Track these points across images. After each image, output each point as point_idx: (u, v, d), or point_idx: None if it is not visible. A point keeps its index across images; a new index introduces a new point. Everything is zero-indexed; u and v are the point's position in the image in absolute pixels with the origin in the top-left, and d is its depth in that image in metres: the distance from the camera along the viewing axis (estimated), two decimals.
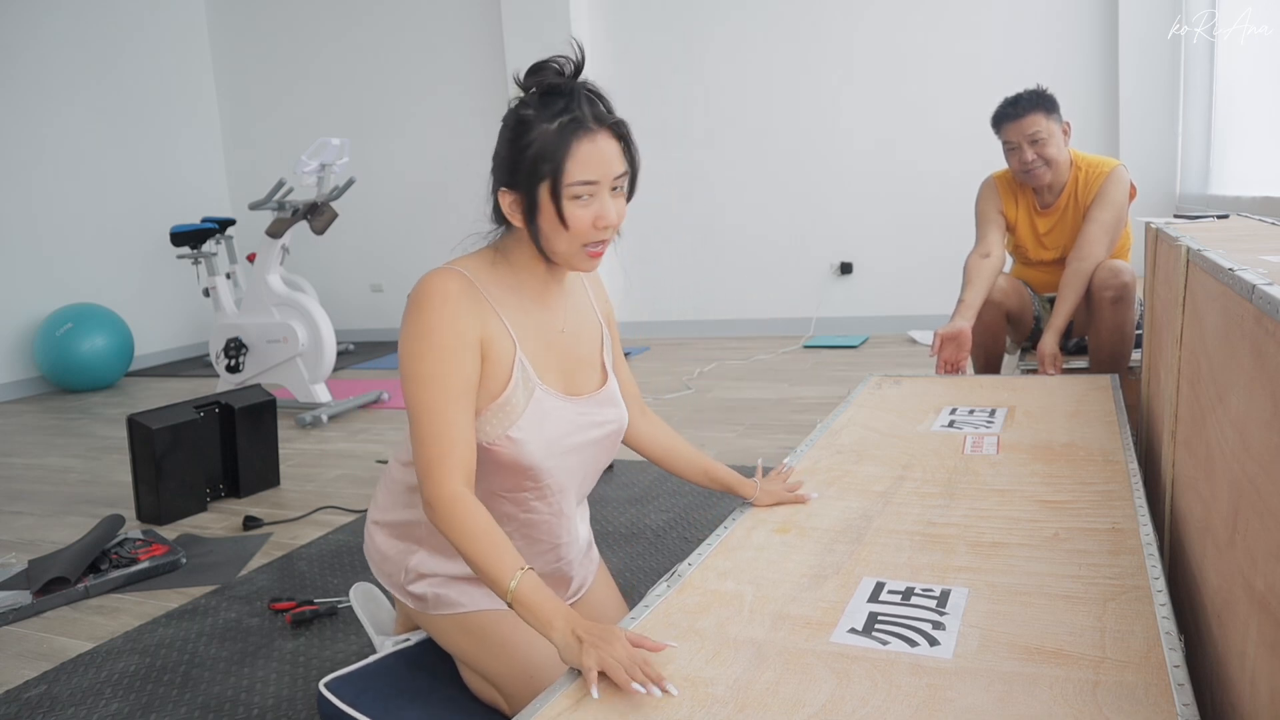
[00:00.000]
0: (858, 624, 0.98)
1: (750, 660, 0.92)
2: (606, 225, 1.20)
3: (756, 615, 1.03)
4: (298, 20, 6.02)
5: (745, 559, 1.20)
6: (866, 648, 0.93)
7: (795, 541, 1.25)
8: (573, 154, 1.16)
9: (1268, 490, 0.67)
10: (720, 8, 4.95)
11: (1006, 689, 0.83)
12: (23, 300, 4.96)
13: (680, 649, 0.96)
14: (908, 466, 1.56)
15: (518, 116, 1.20)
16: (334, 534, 2.39)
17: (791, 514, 1.37)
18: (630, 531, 2.23)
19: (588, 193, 1.18)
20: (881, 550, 1.20)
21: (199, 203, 6.04)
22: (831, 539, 1.25)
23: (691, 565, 1.14)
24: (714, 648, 0.95)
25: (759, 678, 0.89)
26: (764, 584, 1.12)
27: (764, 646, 0.95)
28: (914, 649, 0.91)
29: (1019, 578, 1.08)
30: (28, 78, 5.07)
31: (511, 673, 1.29)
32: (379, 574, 1.40)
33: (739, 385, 3.89)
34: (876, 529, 1.28)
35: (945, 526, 1.26)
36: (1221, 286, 0.94)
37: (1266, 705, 0.66)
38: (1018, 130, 2.53)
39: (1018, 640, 0.92)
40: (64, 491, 2.99)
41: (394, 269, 6.01)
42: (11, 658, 1.82)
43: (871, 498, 1.41)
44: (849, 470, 1.56)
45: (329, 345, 3.88)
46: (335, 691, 1.33)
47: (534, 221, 1.20)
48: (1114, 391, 1.98)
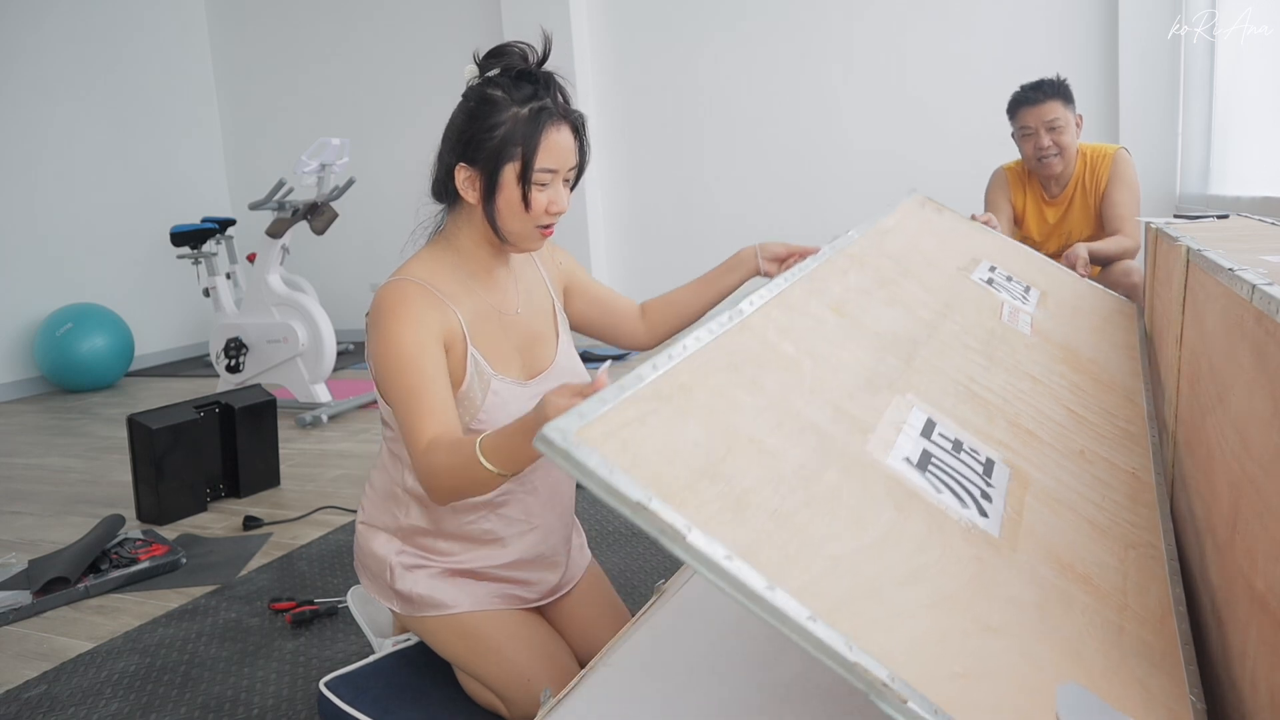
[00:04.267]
0: (912, 455, 0.87)
1: (815, 449, 0.79)
2: (559, 211, 1.25)
3: (816, 397, 0.89)
4: (298, 20, 6.02)
5: (804, 326, 1.04)
6: (921, 487, 0.82)
7: (850, 330, 1.11)
8: (543, 141, 1.20)
9: (1268, 490, 0.67)
10: (720, 7, 4.95)
11: (1044, 596, 0.77)
12: (23, 300, 4.96)
13: (742, 396, 0.80)
14: (949, 306, 1.42)
15: (484, 94, 1.23)
16: (334, 534, 2.39)
17: (844, 299, 1.20)
18: (630, 531, 2.23)
19: (548, 179, 1.23)
20: (929, 385, 1.08)
21: (199, 203, 6.04)
22: (883, 347, 1.12)
23: (753, 305, 0.98)
24: (777, 416, 0.81)
25: (824, 474, 0.77)
26: (822, 363, 0.97)
27: (826, 438, 0.82)
28: (965, 510, 0.82)
29: (1051, 481, 1.00)
30: (28, 77, 5.07)
31: (507, 676, 1.29)
32: (369, 582, 1.40)
33: None
34: (924, 359, 1.16)
35: (985, 390, 1.16)
36: (1221, 286, 0.94)
37: (1266, 705, 0.66)
38: (1036, 116, 2.54)
39: (1053, 549, 0.85)
40: (64, 491, 2.99)
41: (394, 269, 6.00)
42: (11, 658, 1.82)
43: (917, 323, 1.27)
44: (896, 280, 1.40)
45: (329, 345, 3.88)
46: (335, 691, 1.33)
47: (492, 201, 1.24)
48: (1139, 323, 1.94)
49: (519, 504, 1.35)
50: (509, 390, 1.29)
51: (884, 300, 1.28)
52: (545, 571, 1.41)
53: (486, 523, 1.34)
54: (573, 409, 0.61)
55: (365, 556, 1.39)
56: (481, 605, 1.32)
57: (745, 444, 0.72)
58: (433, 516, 1.34)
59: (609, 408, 0.65)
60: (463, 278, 1.31)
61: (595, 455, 0.58)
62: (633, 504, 0.56)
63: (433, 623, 1.32)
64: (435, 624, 1.32)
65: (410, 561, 1.33)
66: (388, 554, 1.35)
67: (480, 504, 1.32)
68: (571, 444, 0.58)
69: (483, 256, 1.32)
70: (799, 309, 1.08)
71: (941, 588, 0.68)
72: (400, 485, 1.35)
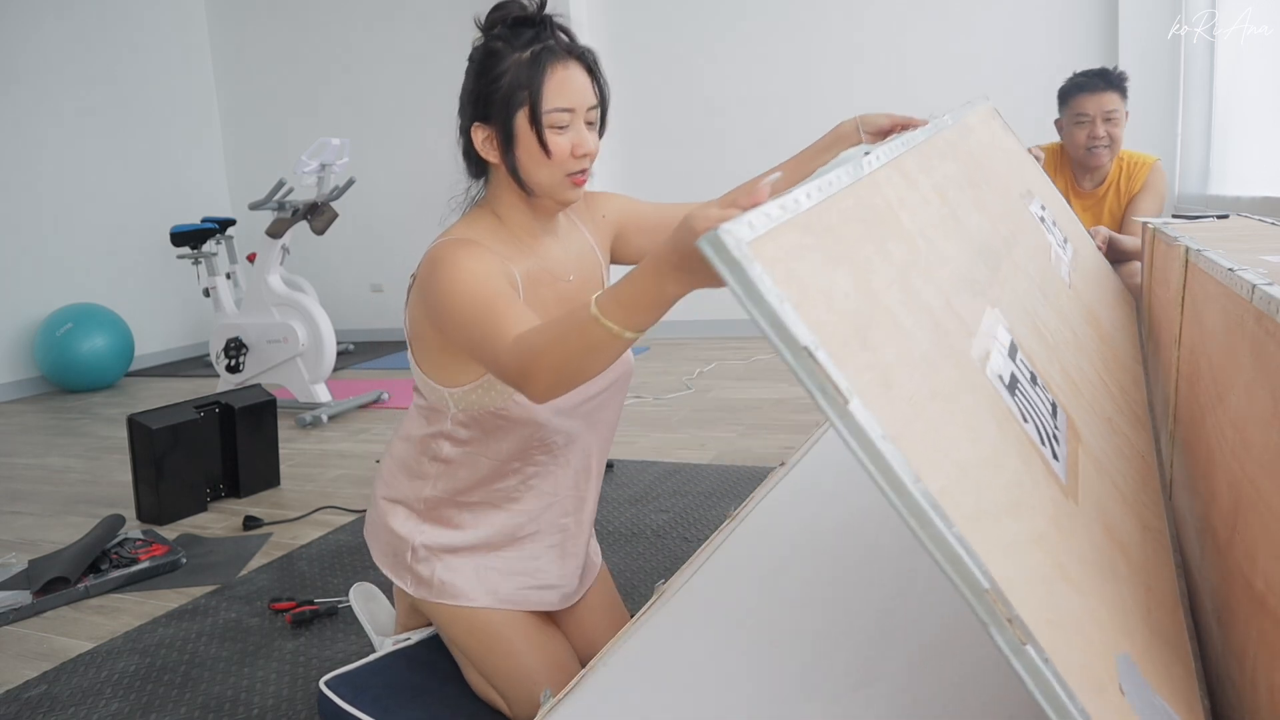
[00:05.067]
0: (1003, 374, 0.80)
1: (933, 338, 0.69)
2: (585, 153, 1.18)
3: (929, 283, 0.77)
4: (298, 21, 6.02)
5: (915, 201, 0.94)
6: (1012, 410, 0.75)
7: (949, 221, 0.99)
8: (548, 80, 1.15)
9: (1268, 490, 0.67)
10: (721, 8, 4.95)
11: (1099, 556, 0.72)
12: (23, 300, 4.96)
13: (875, 258, 0.69)
14: (1015, 230, 1.34)
15: (486, 49, 1.19)
16: (334, 534, 2.39)
17: (944, 186, 1.09)
18: (630, 531, 2.23)
19: (565, 121, 1.17)
20: (1010, 303, 0.99)
21: (199, 203, 6.04)
22: (975, 251, 1.01)
23: (878, 161, 0.85)
24: (904, 291, 0.70)
25: (942, 368, 0.66)
26: (931, 247, 0.86)
27: (941, 330, 0.71)
28: (1042, 448, 0.76)
29: (1092, 440, 0.94)
30: (28, 78, 5.07)
31: (513, 676, 1.29)
32: (383, 557, 1.36)
33: (739, 385, 3.89)
34: (1005, 273, 1.07)
35: (1044, 325, 1.08)
36: (1221, 286, 0.94)
37: (1266, 704, 0.66)
38: (1096, 104, 2.53)
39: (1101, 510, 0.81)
40: (64, 491, 2.99)
41: (394, 269, 6.00)
42: (11, 658, 1.82)
43: (995, 236, 1.17)
44: (979, 184, 1.30)
45: (329, 345, 3.88)
46: (335, 690, 1.33)
47: (511, 153, 1.18)
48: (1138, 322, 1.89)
49: (549, 477, 1.33)
50: None
51: (972, 201, 1.18)
52: (565, 564, 1.37)
53: (515, 493, 1.31)
54: (739, 218, 0.51)
55: (382, 531, 1.36)
56: (499, 604, 1.31)
57: (884, 313, 0.63)
58: (457, 485, 1.30)
59: (777, 225, 0.55)
60: (508, 242, 1.24)
61: (767, 278, 0.49)
62: (799, 348, 0.48)
63: (447, 611, 1.31)
64: (449, 614, 1.31)
65: (433, 543, 1.31)
66: (409, 533, 1.32)
67: (511, 472, 1.29)
68: (745, 255, 0.49)
69: (524, 221, 1.25)
70: (912, 182, 0.96)
71: (1035, 525, 0.63)
72: (427, 453, 1.30)
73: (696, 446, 2.98)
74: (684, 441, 3.05)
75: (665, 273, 0.85)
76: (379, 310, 6.12)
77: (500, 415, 1.24)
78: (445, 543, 1.31)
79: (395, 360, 5.22)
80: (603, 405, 1.35)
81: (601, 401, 1.34)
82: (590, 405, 1.32)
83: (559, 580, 1.38)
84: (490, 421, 1.25)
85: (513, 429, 1.26)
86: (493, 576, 1.32)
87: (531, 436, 1.27)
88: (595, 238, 1.38)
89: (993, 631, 0.48)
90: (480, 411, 1.25)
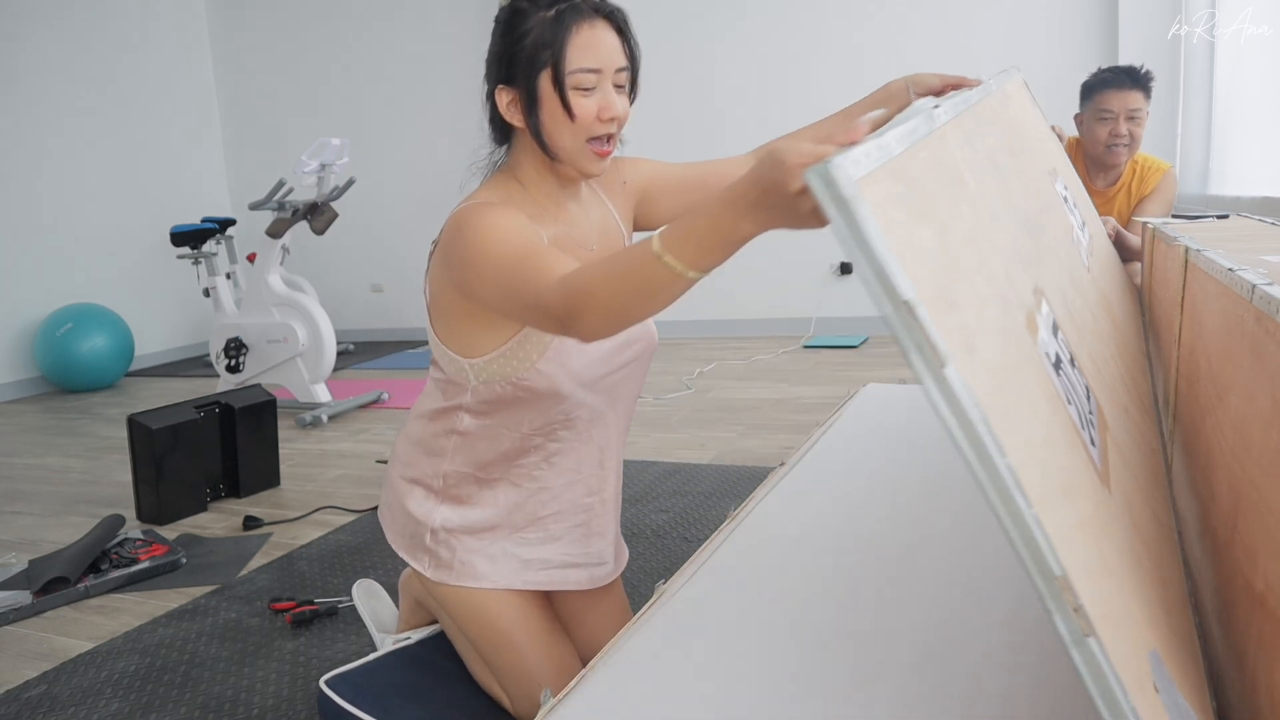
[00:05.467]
0: (1050, 352, 0.76)
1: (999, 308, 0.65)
2: (612, 117, 1.14)
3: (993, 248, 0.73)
4: (298, 21, 6.02)
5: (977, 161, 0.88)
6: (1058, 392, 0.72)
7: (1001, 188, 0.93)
8: (572, 39, 1.11)
9: (1268, 490, 0.67)
10: (722, 8, 4.95)
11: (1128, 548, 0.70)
12: (23, 300, 4.96)
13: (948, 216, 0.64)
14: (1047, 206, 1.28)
15: (513, 7, 1.15)
16: (334, 534, 2.39)
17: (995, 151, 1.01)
18: (630, 531, 2.23)
19: (591, 82, 1.12)
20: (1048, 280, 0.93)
21: (199, 203, 6.05)
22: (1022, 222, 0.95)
23: (945, 116, 0.80)
24: (975, 253, 0.65)
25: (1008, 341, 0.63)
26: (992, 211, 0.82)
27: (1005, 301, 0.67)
28: (1081, 432, 0.72)
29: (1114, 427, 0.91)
30: (28, 78, 5.07)
31: (516, 673, 1.29)
32: (398, 538, 1.34)
33: (739, 385, 3.89)
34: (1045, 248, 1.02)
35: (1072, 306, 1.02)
36: (1221, 286, 0.94)
37: (1266, 706, 0.66)
38: (1121, 101, 2.50)
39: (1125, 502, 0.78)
40: (64, 491, 2.99)
41: (394, 269, 6.01)
42: (11, 658, 1.82)
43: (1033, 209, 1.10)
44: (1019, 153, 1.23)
45: (329, 345, 3.88)
46: (335, 689, 1.33)
47: (535, 115, 1.14)
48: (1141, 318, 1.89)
49: (571, 454, 1.30)
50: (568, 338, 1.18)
51: (1016, 171, 1.12)
52: (591, 542, 1.34)
53: (536, 470, 1.28)
54: (845, 153, 0.47)
55: (398, 513, 1.33)
56: (523, 585, 1.28)
57: (962, 275, 0.59)
58: (476, 458, 1.27)
59: (877, 167, 0.51)
60: (531, 208, 1.20)
61: (875, 221, 0.45)
62: (900, 301, 0.45)
63: (461, 596, 1.29)
64: (463, 599, 1.29)
65: (452, 524, 1.28)
66: (426, 515, 1.29)
67: (532, 448, 1.27)
68: (855, 194, 0.45)
69: (549, 188, 1.21)
70: (972, 144, 0.90)
71: (1082, 510, 0.60)
72: (446, 426, 1.28)
73: (696, 446, 2.98)
74: (684, 441, 3.05)
75: (742, 210, 0.79)
76: (379, 310, 6.12)
77: (521, 386, 1.21)
78: (464, 523, 1.28)
79: (396, 360, 5.23)
80: (626, 379, 1.32)
81: (625, 375, 1.31)
82: (613, 379, 1.29)
83: (584, 558, 1.35)
84: (511, 393, 1.22)
85: (534, 402, 1.23)
86: (513, 559, 1.29)
87: (553, 409, 1.24)
88: (617, 207, 1.35)
89: (1057, 619, 0.47)
90: (501, 383, 1.21)
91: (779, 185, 0.75)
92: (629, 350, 1.29)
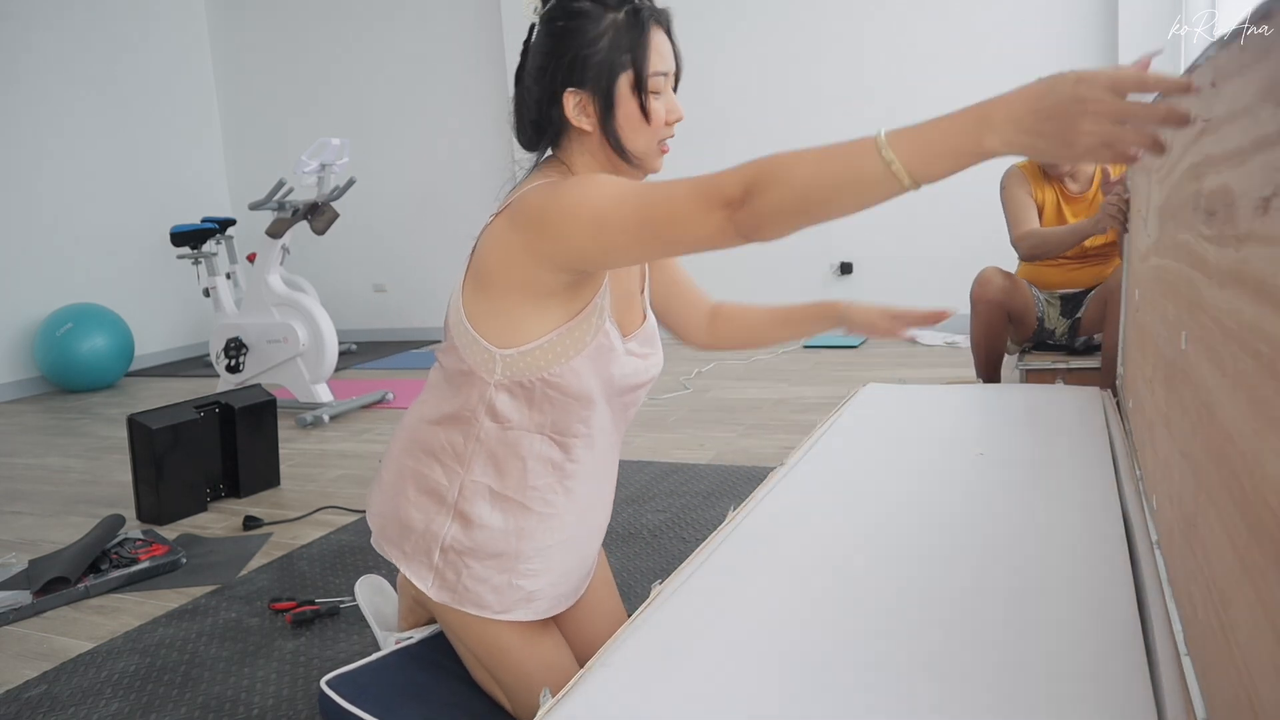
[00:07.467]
0: None
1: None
2: (678, 118, 1.16)
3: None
4: (298, 20, 6.02)
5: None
6: None
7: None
8: (650, 43, 1.11)
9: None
10: (722, 8, 4.95)
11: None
12: (23, 300, 4.96)
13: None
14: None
15: (569, 9, 1.12)
16: (335, 534, 2.39)
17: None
18: (628, 531, 2.23)
19: (662, 85, 1.14)
20: None
21: (199, 203, 6.05)
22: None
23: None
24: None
25: None
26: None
27: None
28: None
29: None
30: (28, 78, 5.07)
31: (517, 684, 1.28)
32: (396, 547, 1.28)
33: (738, 385, 3.89)
34: None
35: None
36: None
37: None
38: None
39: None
40: (64, 491, 3.00)
41: (396, 269, 6.01)
42: (11, 658, 1.82)
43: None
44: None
45: (330, 345, 3.89)
46: (336, 689, 1.33)
47: (611, 120, 1.13)
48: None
49: (585, 479, 1.27)
50: (613, 338, 1.17)
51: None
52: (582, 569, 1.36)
53: (551, 494, 1.24)
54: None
55: (398, 522, 1.28)
56: (519, 617, 1.28)
57: None
58: (496, 470, 1.22)
59: None
60: None
61: None
62: None
63: (457, 619, 1.27)
64: (459, 622, 1.28)
65: (461, 544, 1.23)
66: (436, 529, 1.24)
67: (548, 469, 1.23)
68: None
69: None
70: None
71: None
72: (460, 428, 1.21)
73: (695, 446, 2.98)
74: (682, 441, 3.05)
75: (998, 123, 0.75)
76: (381, 310, 6.12)
77: (551, 383, 1.16)
78: (472, 544, 1.24)
79: (398, 360, 5.23)
80: (634, 403, 1.30)
81: (638, 397, 1.30)
82: (629, 399, 1.28)
83: (574, 590, 1.36)
84: (538, 391, 1.17)
85: (558, 403, 1.19)
86: (518, 591, 1.26)
87: (573, 414, 1.20)
88: None
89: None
90: (530, 378, 1.16)
91: (1056, 109, 0.71)
92: (647, 371, 1.28)
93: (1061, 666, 0.90)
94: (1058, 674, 0.89)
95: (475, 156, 5.55)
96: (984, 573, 1.14)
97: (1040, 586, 1.09)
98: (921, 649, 0.96)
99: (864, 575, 1.17)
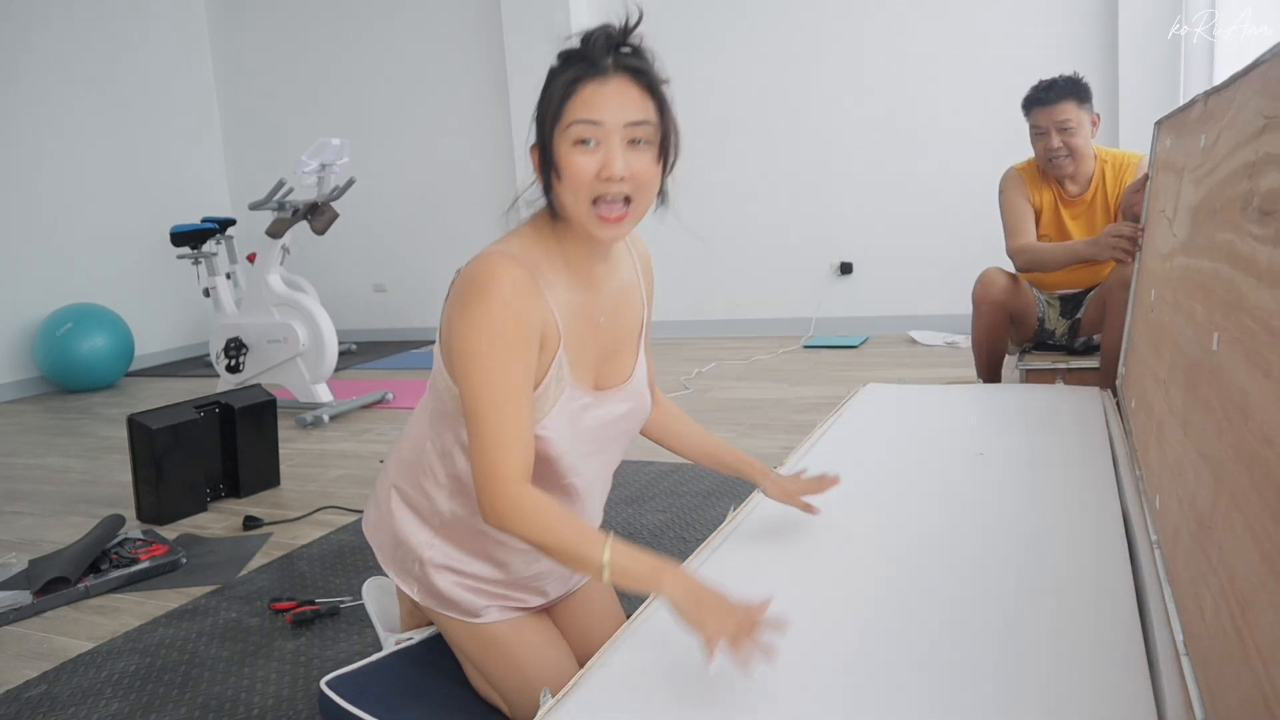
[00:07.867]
0: None
1: None
2: (609, 176, 1.05)
3: None
4: (298, 20, 6.02)
5: None
6: None
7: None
8: (577, 93, 1.05)
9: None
10: (722, 9, 4.95)
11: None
12: (23, 300, 4.96)
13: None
14: None
15: (551, 67, 1.11)
16: (335, 534, 2.39)
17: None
18: (627, 531, 2.23)
19: (592, 135, 1.05)
20: None
21: (199, 203, 6.05)
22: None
23: None
24: None
25: None
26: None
27: None
28: None
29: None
30: (28, 78, 5.07)
31: (515, 683, 1.29)
32: (388, 560, 1.33)
33: (738, 385, 3.89)
34: None
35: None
36: None
37: None
38: (1048, 116, 2.52)
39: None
40: (64, 491, 2.99)
41: (396, 269, 6.01)
42: (11, 658, 1.82)
43: None
44: None
45: (330, 345, 3.89)
46: (337, 689, 1.33)
47: (547, 173, 1.10)
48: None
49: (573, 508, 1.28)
50: (577, 402, 1.18)
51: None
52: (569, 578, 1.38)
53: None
54: None
55: (388, 534, 1.31)
56: (505, 615, 1.30)
57: None
58: (471, 506, 1.24)
59: None
60: (562, 264, 1.16)
61: None
62: None
63: (445, 621, 1.30)
64: (448, 624, 1.30)
65: (442, 561, 1.27)
66: (419, 544, 1.27)
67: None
68: None
69: (579, 248, 1.16)
70: None
71: None
72: (442, 458, 1.24)
73: None
74: None
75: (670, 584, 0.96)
76: (381, 310, 6.12)
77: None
78: (455, 565, 1.28)
79: (398, 360, 5.23)
80: (618, 438, 1.30)
81: (616, 435, 1.28)
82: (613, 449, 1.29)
83: (562, 584, 1.39)
84: None
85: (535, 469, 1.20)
86: (505, 599, 1.30)
87: (554, 483, 1.21)
88: (645, 279, 1.32)
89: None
90: None
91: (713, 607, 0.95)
92: (624, 422, 1.28)
93: (1061, 666, 0.90)
94: (1058, 674, 0.89)
95: (475, 156, 5.55)
96: (984, 572, 1.14)
97: (1040, 586, 1.09)
98: (921, 648, 0.96)
99: (864, 575, 1.17)
